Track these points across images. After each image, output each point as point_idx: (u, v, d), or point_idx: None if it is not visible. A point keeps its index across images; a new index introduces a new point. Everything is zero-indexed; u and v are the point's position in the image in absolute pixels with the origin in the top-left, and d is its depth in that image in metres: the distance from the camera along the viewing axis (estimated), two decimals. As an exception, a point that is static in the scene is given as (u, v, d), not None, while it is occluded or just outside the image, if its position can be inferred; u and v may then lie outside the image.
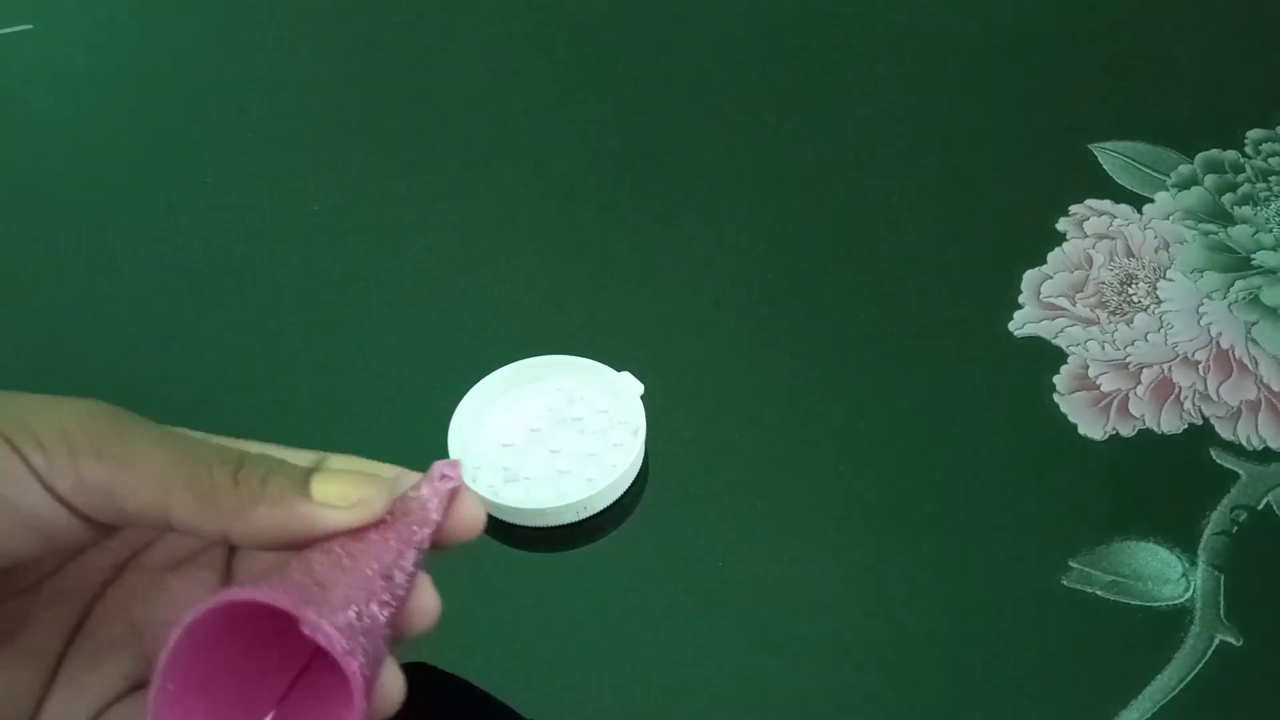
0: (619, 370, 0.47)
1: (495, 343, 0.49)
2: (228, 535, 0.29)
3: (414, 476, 0.33)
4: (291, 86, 0.63)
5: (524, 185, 0.57)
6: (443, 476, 0.33)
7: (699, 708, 0.40)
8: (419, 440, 0.47)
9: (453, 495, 0.33)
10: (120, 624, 0.32)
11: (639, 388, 0.46)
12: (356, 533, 0.30)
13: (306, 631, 0.27)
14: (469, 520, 0.33)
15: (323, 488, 0.30)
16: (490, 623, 0.42)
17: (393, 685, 0.31)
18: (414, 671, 0.32)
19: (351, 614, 0.28)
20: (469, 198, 0.57)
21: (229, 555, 0.34)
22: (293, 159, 0.59)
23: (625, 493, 0.45)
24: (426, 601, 0.32)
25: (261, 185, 0.58)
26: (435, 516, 0.32)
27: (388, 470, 0.33)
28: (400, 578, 0.31)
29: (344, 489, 0.30)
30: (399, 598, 0.31)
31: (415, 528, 0.32)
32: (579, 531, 0.44)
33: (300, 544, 0.30)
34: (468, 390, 0.46)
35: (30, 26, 0.67)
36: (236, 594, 0.28)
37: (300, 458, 0.32)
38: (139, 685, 0.32)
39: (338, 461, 0.33)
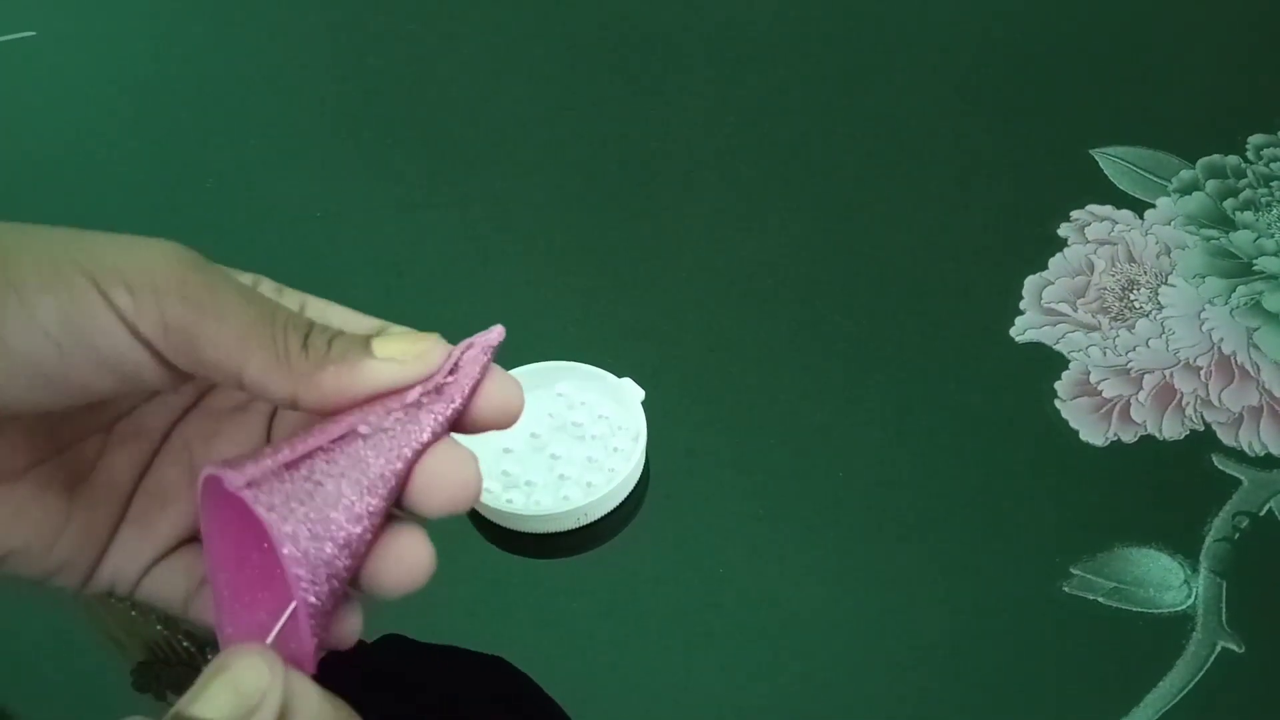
0: (620, 376, 0.47)
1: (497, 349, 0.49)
2: (295, 398, 0.29)
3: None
4: (293, 92, 0.63)
5: (526, 191, 0.57)
6: (470, 347, 0.32)
7: (701, 714, 0.40)
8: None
9: (483, 373, 0.32)
10: (183, 466, 0.33)
11: (640, 394, 0.46)
12: (384, 408, 0.30)
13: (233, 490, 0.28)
14: (498, 401, 0.32)
15: (384, 347, 0.30)
16: (490, 628, 0.42)
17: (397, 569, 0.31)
18: (413, 674, 0.32)
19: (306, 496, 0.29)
20: (471, 204, 0.57)
21: (273, 407, 0.35)
22: (295, 165, 0.59)
23: (626, 499, 0.45)
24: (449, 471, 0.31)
25: (263, 191, 0.58)
26: (458, 398, 0.31)
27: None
28: (400, 464, 0.30)
29: (403, 345, 0.30)
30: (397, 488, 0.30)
31: (439, 408, 0.31)
32: (579, 537, 0.44)
33: (363, 402, 0.30)
34: (468, 396, 0.46)
35: (33, 33, 0.67)
36: (206, 469, 0.29)
37: (362, 324, 0.32)
38: (191, 537, 0.32)
39: (397, 329, 0.33)
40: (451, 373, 0.31)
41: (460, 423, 0.31)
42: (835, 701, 0.40)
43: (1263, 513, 0.44)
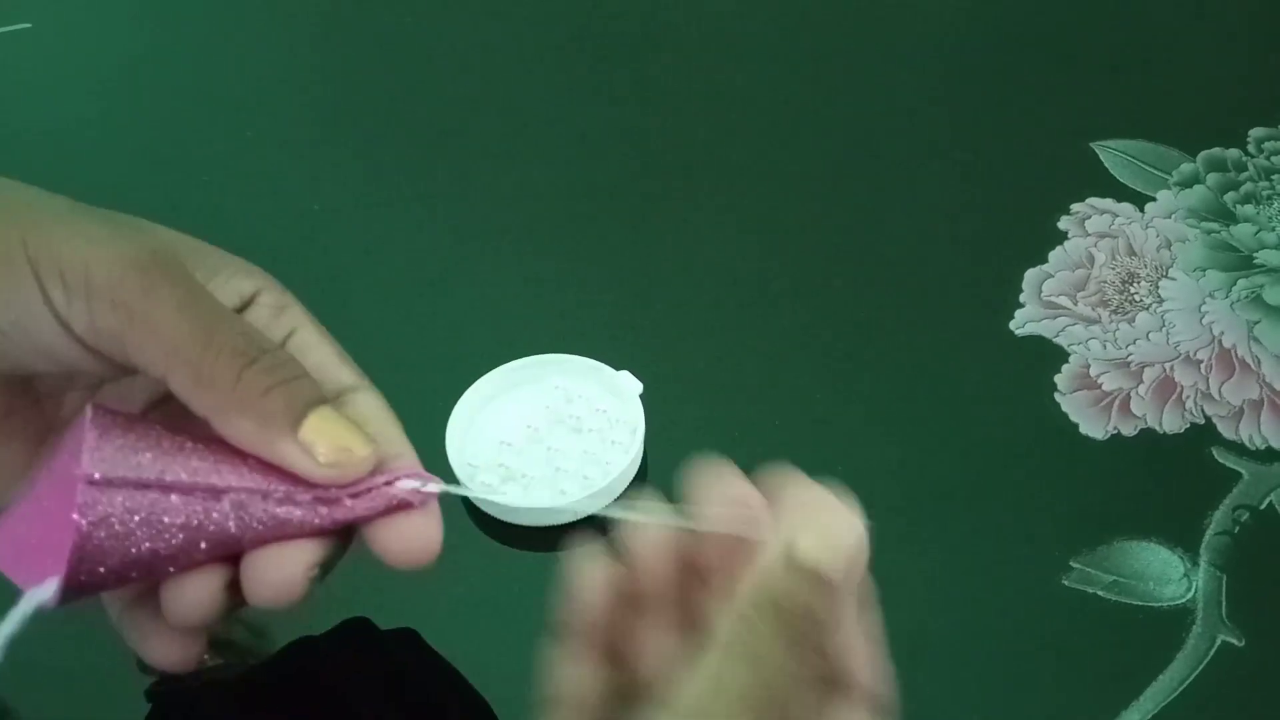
0: (618, 370, 0.46)
1: (494, 341, 0.49)
2: (212, 424, 0.29)
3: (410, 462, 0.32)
4: (290, 84, 0.63)
5: (523, 184, 0.57)
6: (393, 481, 0.30)
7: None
8: (417, 438, 0.46)
9: (399, 506, 0.31)
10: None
11: (637, 387, 0.46)
12: (268, 486, 0.29)
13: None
14: (409, 544, 0.30)
15: (314, 430, 0.29)
16: (487, 622, 0.42)
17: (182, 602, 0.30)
18: (410, 670, 0.32)
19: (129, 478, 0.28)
20: (468, 196, 0.57)
21: None
22: (292, 157, 0.59)
23: (624, 492, 0.45)
24: (269, 574, 0.29)
25: (260, 183, 0.58)
26: (357, 508, 0.30)
27: (397, 444, 0.31)
28: (252, 512, 0.29)
29: (331, 441, 0.29)
30: (236, 526, 0.29)
31: (322, 514, 0.30)
32: (577, 531, 0.44)
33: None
34: (466, 389, 0.46)
35: (29, 25, 0.67)
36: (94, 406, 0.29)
37: (339, 374, 0.32)
38: None
39: (365, 400, 0.31)
40: (356, 496, 0.30)
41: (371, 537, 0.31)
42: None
43: (1263, 506, 0.44)
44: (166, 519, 0.29)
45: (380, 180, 0.58)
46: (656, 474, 0.46)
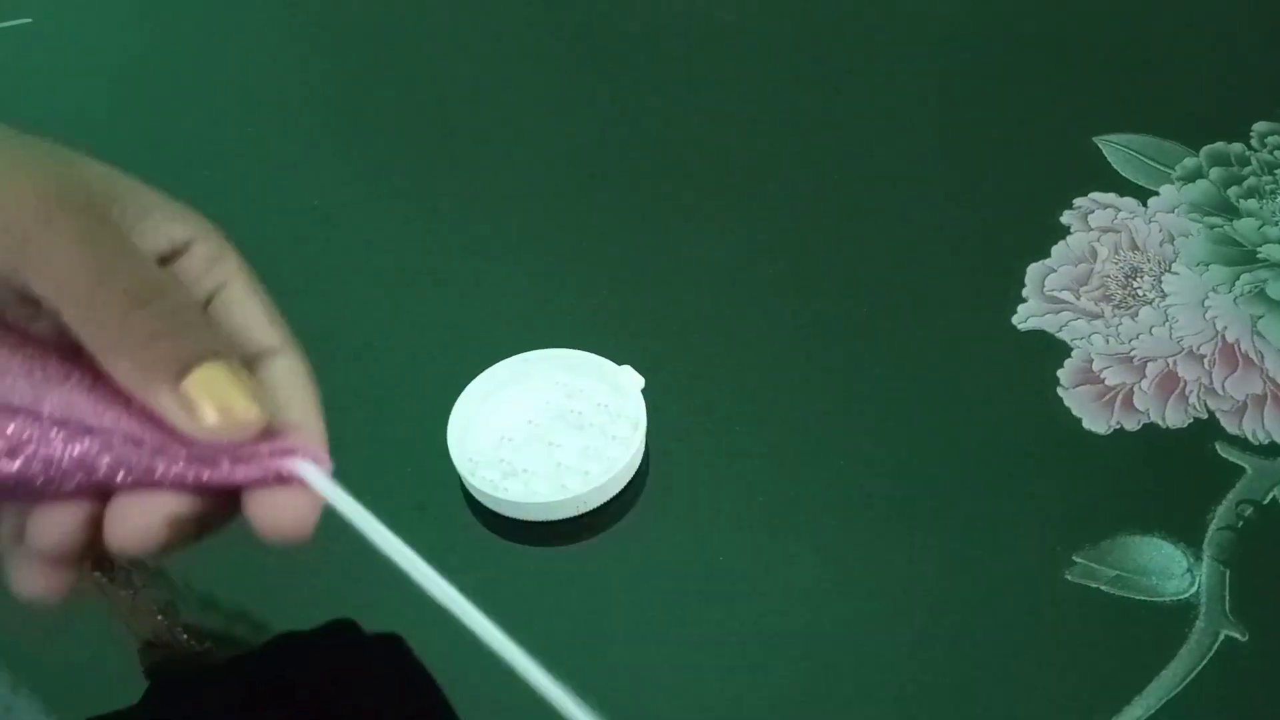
0: (620, 365, 0.46)
1: (495, 336, 0.49)
2: (98, 359, 0.28)
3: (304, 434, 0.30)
4: (292, 80, 0.63)
5: (523, 178, 0.57)
6: (282, 454, 0.29)
7: (702, 703, 0.40)
8: (418, 433, 0.46)
9: (280, 478, 0.29)
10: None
11: (639, 381, 0.46)
12: (138, 437, 0.29)
13: None
14: (278, 517, 0.29)
15: (197, 385, 0.28)
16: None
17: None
18: (410, 665, 0.32)
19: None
20: (468, 191, 0.57)
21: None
22: (293, 153, 0.59)
23: (626, 487, 0.44)
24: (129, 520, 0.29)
25: (261, 179, 0.58)
26: (235, 473, 0.29)
27: (302, 414, 0.30)
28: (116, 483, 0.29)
29: (218, 398, 0.28)
30: (100, 464, 0.29)
31: (191, 474, 0.29)
32: (577, 526, 0.44)
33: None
34: (467, 384, 0.46)
35: (29, 20, 0.67)
36: None
37: (263, 335, 0.31)
38: None
39: (281, 366, 0.30)
40: (238, 461, 0.29)
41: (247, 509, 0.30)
42: (836, 691, 0.40)
43: (1266, 501, 0.44)
44: (32, 447, 0.29)
45: (382, 175, 0.58)
46: (659, 469, 0.46)
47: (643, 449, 0.45)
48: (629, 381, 0.46)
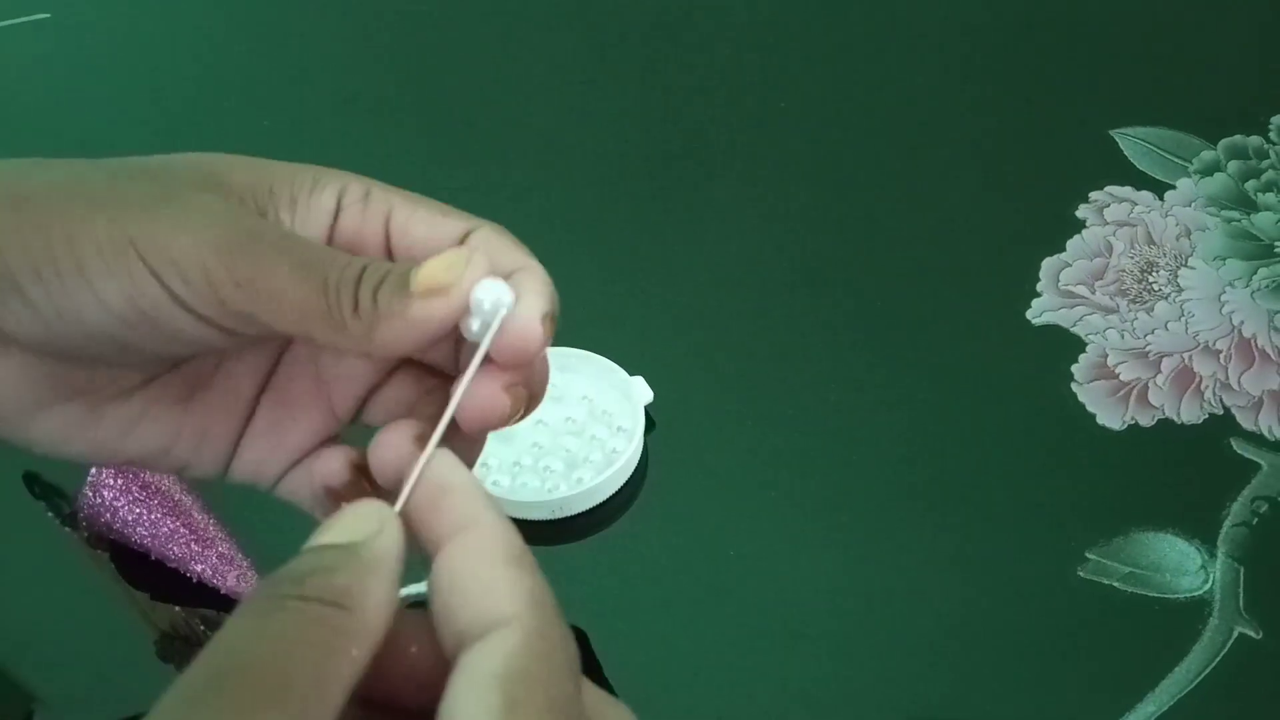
0: (626, 355, 0.46)
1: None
2: (368, 355, 0.30)
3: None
4: (307, 76, 0.63)
5: (536, 181, 0.57)
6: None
7: (708, 697, 0.40)
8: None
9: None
10: (307, 376, 0.33)
11: (648, 395, 0.45)
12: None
13: None
14: (511, 340, 0.30)
15: (424, 277, 0.29)
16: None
17: None
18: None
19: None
20: (481, 192, 0.57)
21: None
22: (307, 149, 0.59)
23: (628, 483, 0.44)
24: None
25: (276, 173, 0.58)
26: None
27: (516, 261, 0.31)
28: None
29: (438, 270, 0.29)
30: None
31: None
32: (580, 523, 0.44)
33: (430, 343, 0.29)
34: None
35: (48, 15, 0.67)
36: None
37: (450, 228, 0.32)
38: (328, 439, 0.33)
39: (480, 236, 0.32)
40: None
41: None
42: (849, 686, 0.40)
43: (1282, 497, 0.44)
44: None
45: (396, 178, 0.57)
46: (665, 462, 0.46)
47: (641, 446, 0.45)
48: (639, 393, 0.45)
